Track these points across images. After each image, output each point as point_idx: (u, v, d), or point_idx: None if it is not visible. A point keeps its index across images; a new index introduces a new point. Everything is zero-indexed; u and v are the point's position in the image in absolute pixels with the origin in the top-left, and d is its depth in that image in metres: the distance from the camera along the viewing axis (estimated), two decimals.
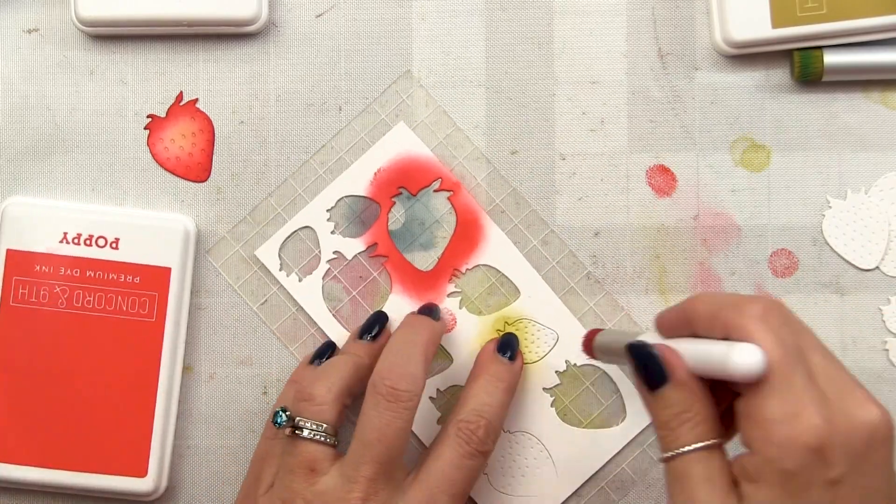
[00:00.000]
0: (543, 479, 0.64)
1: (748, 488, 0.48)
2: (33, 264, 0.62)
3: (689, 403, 0.50)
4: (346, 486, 0.56)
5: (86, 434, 0.62)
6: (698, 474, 0.49)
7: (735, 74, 0.65)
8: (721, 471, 0.49)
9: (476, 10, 0.65)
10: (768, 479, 0.47)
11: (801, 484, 0.46)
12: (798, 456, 0.46)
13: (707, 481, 0.48)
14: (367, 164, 0.64)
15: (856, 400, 0.47)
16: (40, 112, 0.64)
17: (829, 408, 0.47)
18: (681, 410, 0.50)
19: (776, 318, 0.49)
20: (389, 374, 0.57)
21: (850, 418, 0.47)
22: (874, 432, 0.47)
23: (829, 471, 0.46)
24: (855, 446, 0.46)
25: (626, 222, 0.65)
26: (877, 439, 0.47)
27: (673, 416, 0.50)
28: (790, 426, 0.46)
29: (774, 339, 0.48)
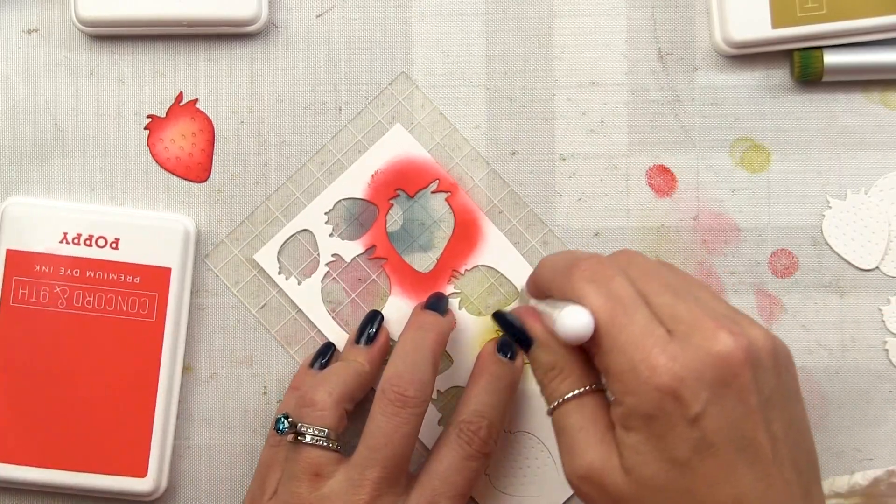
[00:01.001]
0: (544, 480, 0.64)
1: (621, 434, 0.48)
2: (33, 264, 0.62)
3: (555, 359, 0.51)
4: (352, 490, 0.57)
5: (86, 434, 0.62)
6: (574, 424, 0.50)
7: (735, 75, 0.65)
8: (594, 418, 0.50)
9: (476, 11, 0.65)
10: (635, 425, 0.47)
11: (664, 425, 0.46)
12: (652, 399, 0.46)
13: (581, 430, 0.49)
14: (364, 167, 0.64)
15: (704, 332, 0.47)
16: (40, 112, 0.65)
17: (675, 346, 0.47)
18: (549, 367, 0.51)
19: (609, 271, 0.49)
20: (398, 380, 0.57)
21: (699, 352, 0.46)
22: (727, 360, 0.46)
23: (687, 408, 0.46)
24: (709, 379, 0.46)
25: (626, 223, 0.65)
26: (732, 367, 0.46)
27: (545, 373, 0.52)
28: (637, 372, 0.47)
29: (601, 294, 0.49)
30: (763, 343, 0.48)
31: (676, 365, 0.46)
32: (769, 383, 0.47)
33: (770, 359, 0.48)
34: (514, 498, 0.64)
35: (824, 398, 0.65)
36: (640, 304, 0.48)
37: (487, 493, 0.64)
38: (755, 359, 0.47)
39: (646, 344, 0.47)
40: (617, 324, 0.48)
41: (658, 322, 0.48)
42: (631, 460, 0.48)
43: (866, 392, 0.65)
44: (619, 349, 0.47)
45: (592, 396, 0.51)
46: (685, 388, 0.46)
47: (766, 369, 0.47)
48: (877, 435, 0.65)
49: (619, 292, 0.49)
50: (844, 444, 0.65)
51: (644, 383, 0.46)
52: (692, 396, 0.46)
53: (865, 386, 0.65)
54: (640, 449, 0.47)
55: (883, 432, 0.65)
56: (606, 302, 0.48)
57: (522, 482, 0.64)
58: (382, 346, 0.63)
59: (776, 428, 0.47)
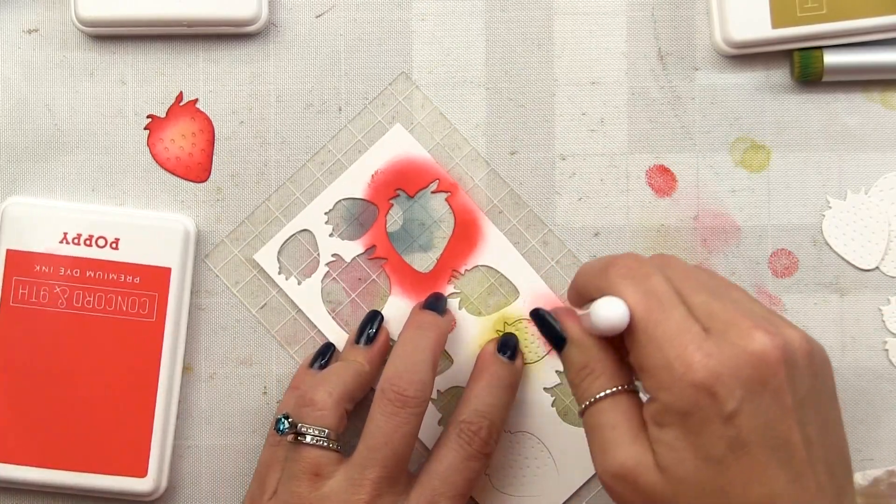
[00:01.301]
0: (544, 479, 0.64)
1: (655, 431, 0.48)
2: (33, 264, 0.62)
3: (587, 358, 0.51)
4: (352, 490, 0.57)
5: (86, 434, 0.62)
6: (606, 422, 0.50)
7: (735, 74, 0.65)
8: (628, 416, 0.50)
9: (476, 11, 0.65)
10: (669, 422, 0.47)
11: (699, 422, 0.46)
12: (688, 395, 0.46)
13: (615, 428, 0.50)
14: (364, 167, 0.64)
15: (740, 331, 0.47)
16: (40, 112, 0.65)
17: (711, 343, 0.47)
18: (582, 366, 0.52)
19: (645, 269, 0.50)
20: (398, 380, 0.57)
21: (735, 350, 0.46)
22: (762, 359, 0.46)
23: (723, 405, 0.46)
24: (744, 377, 0.46)
25: (626, 222, 0.65)
26: (768, 366, 0.46)
27: (577, 372, 0.52)
28: (673, 369, 0.47)
29: (638, 290, 0.49)
30: (799, 344, 0.48)
31: (712, 362, 0.46)
32: (804, 384, 0.47)
33: (806, 359, 0.48)
34: (514, 498, 0.64)
35: None
36: (676, 301, 0.49)
37: (487, 493, 0.64)
38: (791, 359, 0.47)
39: (682, 340, 0.47)
40: (653, 319, 0.48)
41: (694, 319, 0.48)
42: (665, 458, 0.47)
43: (866, 392, 0.65)
44: (654, 345, 0.48)
45: (625, 395, 0.51)
46: (720, 386, 0.46)
47: (801, 370, 0.47)
48: (877, 435, 0.65)
49: (656, 289, 0.49)
50: None
51: (679, 379, 0.46)
52: (727, 394, 0.46)
53: (865, 386, 0.65)
54: (674, 446, 0.47)
55: (883, 432, 0.65)
56: (643, 297, 0.49)
57: (522, 482, 0.64)
58: (382, 346, 0.63)
59: (810, 429, 0.47)
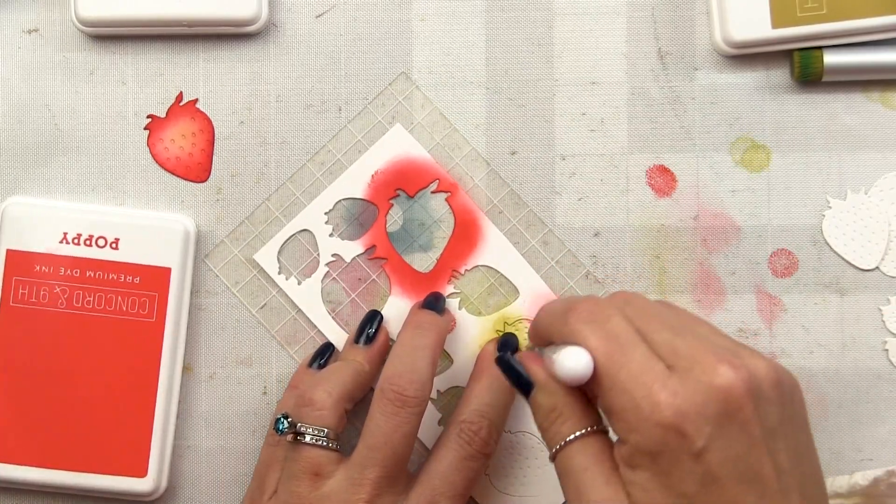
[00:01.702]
0: (544, 479, 0.64)
1: (627, 473, 0.48)
2: (33, 264, 0.62)
3: (555, 402, 0.51)
4: (352, 489, 0.57)
5: (86, 434, 0.62)
6: (578, 465, 0.50)
7: (735, 74, 0.65)
8: (599, 458, 0.49)
9: (476, 11, 0.65)
10: (640, 463, 0.47)
11: (669, 461, 0.46)
12: (656, 436, 0.46)
13: (586, 470, 0.49)
14: (364, 167, 0.64)
15: (704, 367, 0.47)
16: (40, 112, 0.65)
17: (676, 381, 0.46)
18: (550, 410, 0.51)
19: (604, 313, 0.50)
20: (397, 380, 0.57)
21: (700, 386, 0.46)
22: (728, 393, 0.46)
23: (691, 443, 0.46)
24: (711, 413, 0.46)
25: (626, 222, 0.65)
26: (734, 400, 0.46)
27: (545, 416, 0.51)
28: (639, 410, 0.46)
29: (597, 334, 0.49)
30: (765, 374, 0.47)
31: (678, 400, 0.46)
32: (773, 414, 0.47)
33: (773, 389, 0.47)
34: (514, 498, 0.64)
35: (824, 398, 0.65)
36: (638, 341, 0.48)
37: (487, 493, 0.64)
38: (757, 390, 0.47)
39: (646, 380, 0.47)
40: (616, 362, 0.48)
41: (657, 358, 0.48)
42: (639, 498, 0.47)
43: (866, 392, 0.65)
44: (619, 387, 0.47)
45: (595, 437, 0.50)
46: (688, 423, 0.46)
47: (769, 400, 0.47)
48: (877, 435, 0.65)
49: (617, 331, 0.49)
50: (844, 444, 0.65)
51: (646, 420, 0.46)
52: (695, 431, 0.46)
53: (865, 386, 0.65)
54: (646, 486, 0.47)
55: (883, 432, 0.65)
56: (604, 341, 0.48)
57: (522, 482, 0.64)
58: (382, 346, 0.62)
59: (782, 458, 0.47)
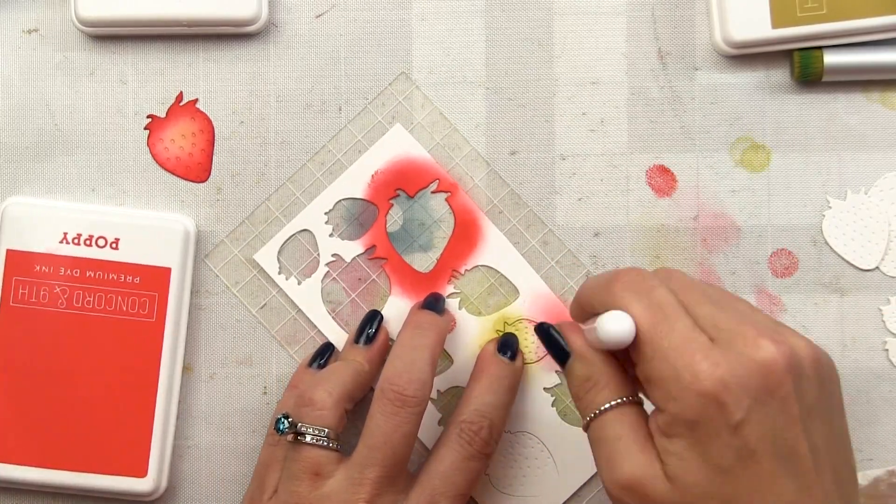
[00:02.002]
0: (544, 479, 0.64)
1: (663, 442, 0.48)
2: (33, 264, 0.62)
3: (591, 371, 0.52)
4: (352, 489, 0.57)
5: (86, 434, 0.62)
6: (612, 434, 0.50)
7: (735, 74, 0.65)
8: (634, 427, 0.50)
9: (476, 11, 0.65)
10: (678, 432, 0.47)
11: (707, 431, 0.46)
12: (695, 405, 0.46)
13: (621, 439, 0.49)
14: (364, 167, 0.64)
15: (746, 340, 0.47)
16: (40, 112, 0.65)
17: (718, 353, 0.47)
18: (585, 379, 0.52)
19: (649, 282, 0.50)
20: (397, 380, 0.57)
21: (742, 359, 0.46)
22: (769, 368, 0.46)
23: (730, 415, 0.46)
24: (751, 386, 0.46)
25: (626, 222, 0.65)
26: (775, 375, 0.46)
27: (580, 385, 0.52)
28: (680, 379, 0.47)
29: (642, 303, 0.49)
30: (806, 352, 0.48)
31: (719, 371, 0.46)
32: (811, 393, 0.47)
33: (813, 368, 0.48)
34: (514, 498, 0.64)
35: None
36: (681, 312, 0.49)
37: (487, 493, 0.64)
38: (798, 367, 0.47)
39: (688, 350, 0.47)
40: (659, 331, 0.48)
41: (700, 330, 0.48)
42: (674, 468, 0.47)
43: (866, 392, 0.65)
44: (661, 356, 0.48)
45: (630, 407, 0.51)
46: (728, 395, 0.46)
47: (808, 379, 0.47)
48: (877, 435, 0.65)
49: (661, 301, 0.49)
50: None
51: (687, 389, 0.46)
52: (735, 403, 0.46)
53: (865, 386, 0.65)
54: (683, 456, 0.47)
55: (883, 432, 0.65)
56: (648, 310, 0.49)
57: (522, 482, 0.64)
58: (382, 346, 0.62)
59: (817, 438, 0.47)
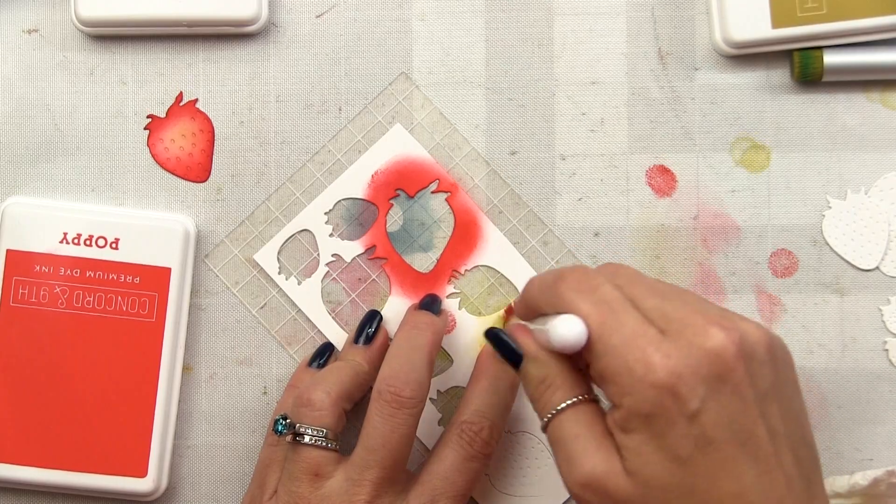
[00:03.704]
0: (544, 480, 0.64)
1: (621, 437, 0.48)
2: (33, 264, 0.62)
3: (545, 372, 0.51)
4: (352, 490, 0.57)
5: (86, 434, 0.62)
6: (570, 433, 0.50)
7: (735, 74, 0.65)
8: (590, 425, 0.50)
9: (476, 11, 0.65)
10: (635, 426, 0.47)
11: (664, 423, 0.47)
12: (650, 397, 0.46)
13: (578, 437, 0.49)
14: (364, 167, 0.64)
15: (696, 329, 0.47)
16: (40, 112, 0.65)
17: (669, 344, 0.47)
18: (540, 380, 0.52)
19: (594, 281, 0.50)
20: (394, 381, 0.57)
21: (693, 348, 0.47)
22: (720, 355, 0.46)
23: (685, 404, 0.46)
24: (704, 374, 0.46)
25: (626, 223, 0.65)
26: (726, 361, 0.46)
27: (536, 387, 0.52)
28: (633, 372, 0.47)
29: (589, 301, 0.49)
30: (756, 336, 0.48)
31: (671, 361, 0.46)
32: (765, 376, 0.48)
33: (764, 351, 0.48)
34: (514, 498, 0.64)
35: (824, 398, 0.65)
36: (629, 307, 0.49)
37: (487, 493, 0.64)
38: (749, 352, 0.47)
39: (639, 343, 0.47)
40: (608, 327, 0.48)
41: (649, 323, 0.48)
42: (633, 462, 0.48)
43: (866, 392, 0.65)
44: (612, 352, 0.48)
45: (586, 405, 0.51)
46: (682, 384, 0.46)
47: (761, 362, 0.48)
48: (877, 435, 0.65)
49: (608, 297, 0.49)
50: (844, 444, 0.65)
51: (640, 381, 0.47)
52: (689, 392, 0.46)
53: (865, 386, 0.65)
54: (641, 450, 0.47)
55: (883, 432, 0.65)
56: (595, 308, 0.49)
57: (522, 482, 0.64)
58: (381, 346, 0.62)
59: (775, 421, 0.47)
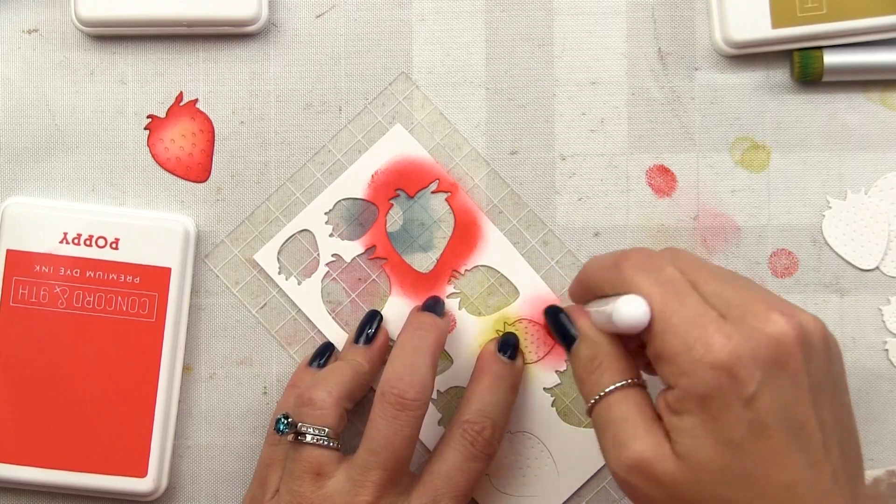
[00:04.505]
0: (544, 479, 0.64)
1: (672, 420, 0.48)
2: (33, 264, 0.62)
3: (596, 352, 0.52)
4: (354, 490, 0.57)
5: (86, 434, 0.62)
6: (618, 415, 0.50)
7: (735, 74, 0.65)
8: (640, 407, 0.50)
9: (476, 11, 0.65)
10: (688, 408, 0.47)
11: (719, 405, 0.46)
12: (708, 378, 0.46)
13: (627, 420, 0.49)
14: (364, 167, 0.64)
15: (757, 314, 0.47)
16: (40, 112, 0.65)
17: (730, 326, 0.47)
18: (590, 360, 0.52)
19: (658, 261, 0.50)
20: (398, 383, 0.57)
21: (753, 332, 0.47)
22: (780, 341, 0.47)
23: (742, 388, 0.46)
24: (763, 359, 0.46)
25: (626, 222, 0.65)
26: (786, 347, 0.47)
27: (585, 366, 0.52)
28: (693, 352, 0.47)
29: (653, 282, 0.49)
30: (814, 327, 0.48)
31: (731, 343, 0.46)
32: (820, 368, 0.48)
33: (821, 343, 0.48)
34: (514, 498, 0.64)
35: None
36: (691, 289, 0.49)
37: (487, 493, 0.64)
38: (808, 342, 0.47)
39: (700, 324, 0.47)
40: (669, 307, 0.48)
41: (710, 306, 0.48)
42: (685, 445, 0.47)
43: (866, 392, 0.65)
44: (672, 331, 0.48)
45: (635, 389, 0.51)
46: (741, 367, 0.46)
47: (817, 353, 0.48)
48: (877, 435, 0.65)
49: (670, 278, 0.49)
50: None
51: (699, 362, 0.47)
52: (747, 375, 0.46)
53: (865, 386, 0.65)
54: (694, 433, 0.47)
55: (883, 432, 0.65)
56: (658, 288, 0.49)
57: (522, 482, 0.64)
58: (381, 346, 0.62)
59: (826, 414, 0.47)
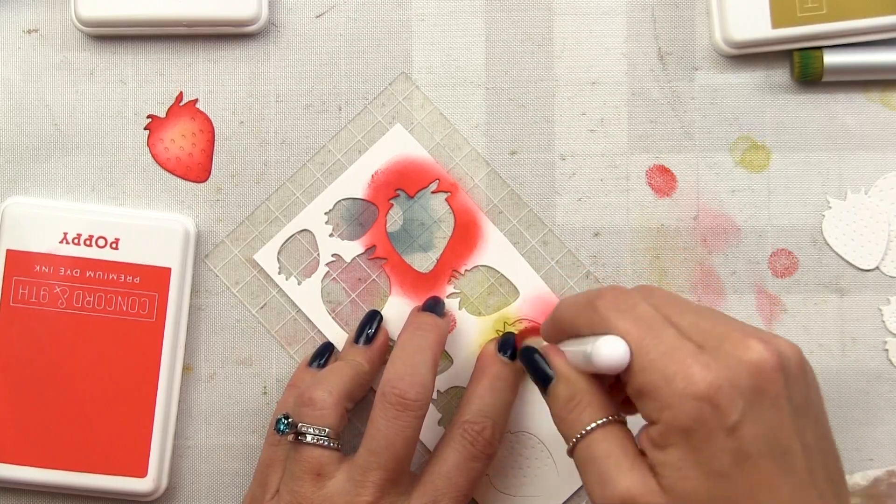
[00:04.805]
0: (545, 479, 0.64)
1: (657, 455, 0.48)
2: (33, 264, 0.62)
3: (574, 391, 0.52)
4: (355, 490, 0.57)
5: (86, 434, 0.62)
6: (601, 452, 0.50)
7: (735, 74, 0.65)
8: (622, 444, 0.50)
9: (476, 11, 0.65)
10: (673, 441, 0.47)
11: (702, 437, 0.46)
12: (690, 409, 0.46)
13: (609, 457, 0.49)
14: (364, 167, 0.64)
15: (734, 342, 0.47)
16: (40, 112, 0.65)
17: (708, 357, 0.47)
18: (568, 399, 0.52)
19: (632, 299, 0.50)
20: (398, 383, 0.57)
21: (731, 360, 0.47)
22: (760, 367, 0.47)
23: (725, 417, 0.46)
24: (743, 386, 0.46)
25: (626, 223, 0.65)
26: (766, 373, 0.47)
27: (563, 406, 0.52)
28: (673, 385, 0.47)
29: (629, 319, 0.49)
30: (792, 353, 0.48)
31: (711, 374, 0.46)
32: (800, 392, 0.48)
33: (799, 369, 0.48)
34: (514, 498, 0.64)
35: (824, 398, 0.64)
36: (666, 324, 0.49)
37: (487, 493, 0.64)
38: (786, 367, 0.47)
39: (678, 357, 0.47)
40: (647, 344, 0.48)
41: (686, 338, 0.48)
42: (671, 478, 0.47)
43: (866, 392, 0.65)
44: (651, 367, 0.48)
45: (616, 426, 0.51)
46: (722, 396, 0.46)
47: (796, 378, 0.48)
48: (877, 435, 0.65)
49: (645, 315, 0.49)
50: (844, 444, 0.64)
51: (680, 394, 0.47)
52: (729, 404, 0.46)
53: (865, 386, 0.65)
54: (679, 465, 0.47)
55: (883, 432, 0.65)
56: (634, 325, 0.49)
57: (522, 482, 0.64)
58: (381, 346, 0.62)
59: (808, 437, 0.48)
